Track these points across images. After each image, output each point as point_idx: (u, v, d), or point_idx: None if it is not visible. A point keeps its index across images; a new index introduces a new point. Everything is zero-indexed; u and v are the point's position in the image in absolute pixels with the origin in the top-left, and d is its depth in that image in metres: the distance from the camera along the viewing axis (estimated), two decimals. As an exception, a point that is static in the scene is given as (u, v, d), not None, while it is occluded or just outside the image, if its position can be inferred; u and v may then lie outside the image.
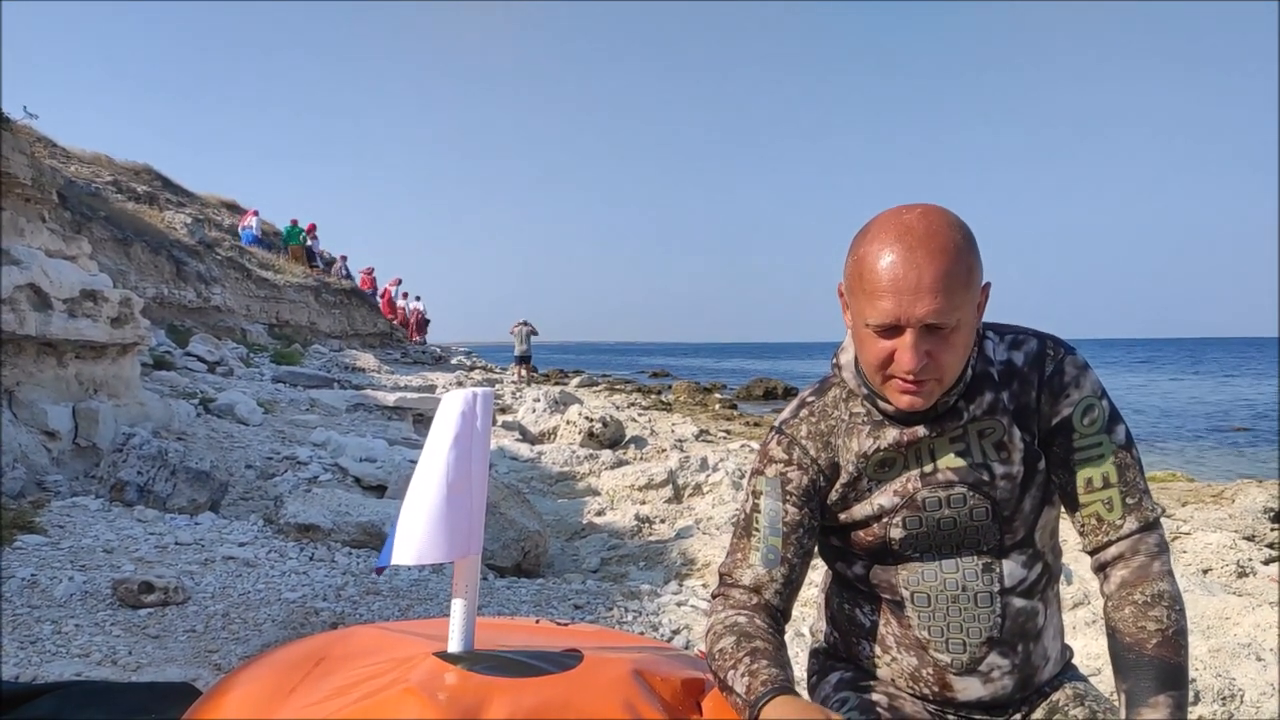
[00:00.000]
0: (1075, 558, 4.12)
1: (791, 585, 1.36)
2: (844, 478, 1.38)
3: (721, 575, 1.40)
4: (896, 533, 1.36)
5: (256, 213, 23.14)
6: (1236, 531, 6.51)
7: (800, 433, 1.41)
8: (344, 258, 26.35)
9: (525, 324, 21.02)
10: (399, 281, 28.22)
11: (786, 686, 1.19)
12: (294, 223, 23.82)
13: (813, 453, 1.39)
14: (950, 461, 1.35)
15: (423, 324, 28.81)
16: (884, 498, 1.37)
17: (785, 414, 1.46)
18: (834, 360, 1.44)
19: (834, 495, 1.39)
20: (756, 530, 1.37)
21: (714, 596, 1.39)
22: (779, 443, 1.42)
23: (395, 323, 26.99)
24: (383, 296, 27.19)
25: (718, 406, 22.31)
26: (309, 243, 23.89)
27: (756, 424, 17.11)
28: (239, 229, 22.18)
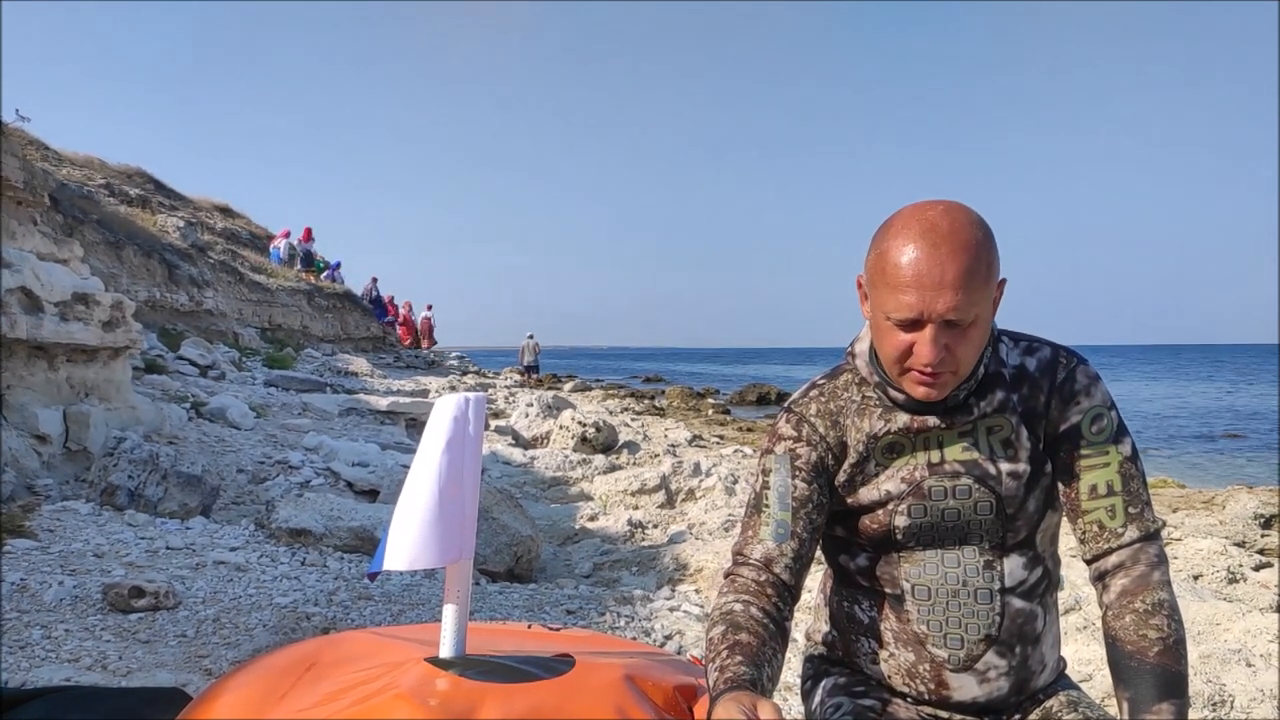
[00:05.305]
0: (1068, 564, 4.13)
1: (801, 561, 1.36)
2: (852, 458, 1.40)
3: (733, 554, 1.40)
4: (901, 520, 1.37)
5: (288, 233, 23.15)
6: (1227, 538, 6.53)
7: (809, 411, 1.43)
8: (375, 279, 27.22)
9: (530, 338, 24.18)
10: (417, 308, 29.05)
11: (744, 684, 1.17)
12: (318, 256, 24.35)
13: (821, 430, 1.41)
14: (958, 454, 1.37)
15: (430, 331, 29.18)
16: (891, 484, 1.38)
17: (795, 395, 1.48)
18: (849, 349, 1.45)
19: (841, 476, 1.40)
20: (766, 506, 1.38)
21: (725, 576, 1.39)
22: (788, 420, 1.43)
23: (396, 327, 27.48)
24: (404, 323, 27.75)
25: (711, 411, 22.30)
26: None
27: (750, 429, 17.12)
28: (269, 248, 22.29)
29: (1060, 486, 1.39)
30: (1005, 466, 1.36)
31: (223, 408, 8.02)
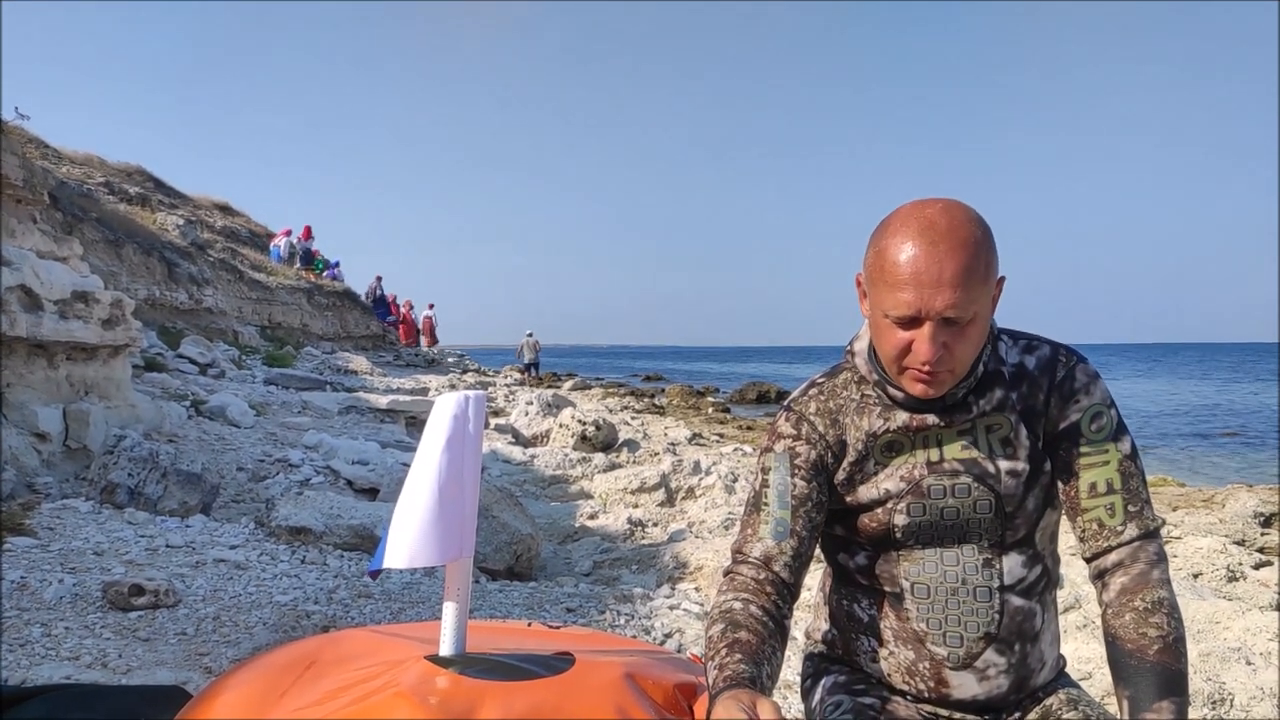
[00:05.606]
0: (1067, 562, 4.13)
1: (800, 559, 1.36)
2: (851, 456, 1.40)
3: (732, 552, 1.40)
4: (900, 519, 1.37)
5: (289, 232, 23.17)
6: (1227, 536, 6.54)
7: (809, 409, 1.42)
8: (379, 278, 27.23)
9: (530, 336, 24.32)
10: (418, 308, 29.18)
11: (744, 682, 1.16)
12: (318, 254, 24.40)
13: (821, 428, 1.40)
14: (957, 452, 1.37)
15: (432, 330, 29.25)
16: (890, 482, 1.38)
17: (795, 393, 1.47)
18: (848, 347, 1.45)
19: (841, 475, 1.40)
20: (765, 505, 1.38)
21: (725, 574, 1.39)
22: (787, 419, 1.43)
23: (401, 327, 27.54)
24: (404, 321, 27.81)
25: (711, 410, 22.31)
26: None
27: (749, 427, 17.13)
28: (269, 246, 22.32)
29: (1060, 484, 1.38)
30: (1004, 465, 1.36)
31: (222, 406, 8.02)
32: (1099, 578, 1.36)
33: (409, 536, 1.27)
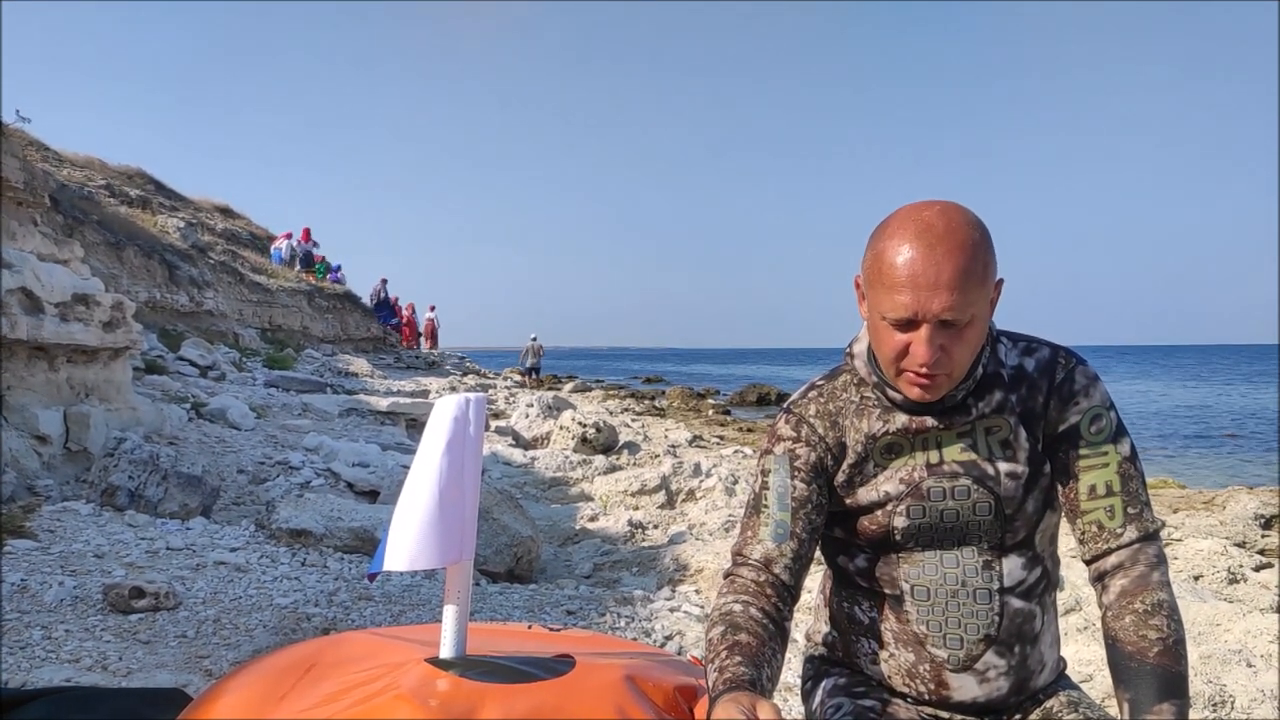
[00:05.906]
0: (1068, 564, 4.13)
1: (801, 561, 1.36)
2: (850, 458, 1.40)
3: (732, 555, 1.40)
4: (900, 521, 1.37)
5: (290, 235, 23.22)
6: (1227, 538, 6.54)
7: (809, 411, 1.43)
8: (384, 280, 27.31)
9: (534, 340, 24.51)
10: (420, 309, 29.12)
11: (744, 684, 1.17)
12: (322, 259, 24.46)
13: (820, 431, 1.41)
14: (957, 454, 1.37)
15: (433, 333, 29.28)
16: (890, 484, 1.38)
17: (794, 396, 1.48)
18: (847, 350, 1.45)
19: (840, 477, 1.40)
20: (765, 507, 1.38)
21: (725, 577, 1.39)
22: (787, 421, 1.43)
23: (402, 331, 27.58)
24: (408, 323, 27.84)
25: (711, 412, 22.32)
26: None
27: (750, 429, 17.12)
28: (270, 248, 22.34)
29: (1059, 487, 1.39)
30: (1004, 467, 1.36)
31: (223, 408, 8.02)
32: (1099, 580, 1.36)
33: (409, 539, 1.27)
